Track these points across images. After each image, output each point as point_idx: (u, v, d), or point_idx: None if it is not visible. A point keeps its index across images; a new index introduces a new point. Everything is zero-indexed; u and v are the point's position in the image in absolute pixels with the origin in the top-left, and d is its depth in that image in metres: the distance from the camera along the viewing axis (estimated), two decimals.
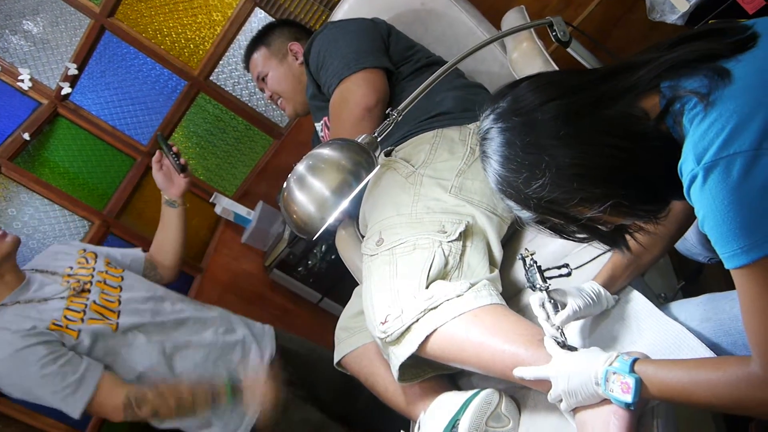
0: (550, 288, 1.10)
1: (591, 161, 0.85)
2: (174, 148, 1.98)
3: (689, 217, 1.12)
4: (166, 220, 2.03)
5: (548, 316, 1.08)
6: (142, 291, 1.82)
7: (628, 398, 0.90)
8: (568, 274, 1.14)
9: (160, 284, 1.97)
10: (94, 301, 1.71)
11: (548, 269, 1.12)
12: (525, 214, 0.95)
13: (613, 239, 0.99)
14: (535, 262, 1.12)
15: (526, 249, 1.15)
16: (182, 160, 1.98)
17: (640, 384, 0.89)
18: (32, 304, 1.65)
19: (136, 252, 2.03)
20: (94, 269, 1.81)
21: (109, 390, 1.59)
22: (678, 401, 0.88)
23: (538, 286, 1.10)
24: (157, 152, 1.99)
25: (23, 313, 1.62)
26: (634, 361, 0.91)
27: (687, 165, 0.79)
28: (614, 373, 0.91)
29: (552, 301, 1.09)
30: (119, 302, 1.74)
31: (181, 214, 2.02)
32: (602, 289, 1.14)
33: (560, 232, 0.99)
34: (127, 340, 1.69)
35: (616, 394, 0.91)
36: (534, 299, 1.11)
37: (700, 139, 0.76)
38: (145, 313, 1.75)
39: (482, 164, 0.98)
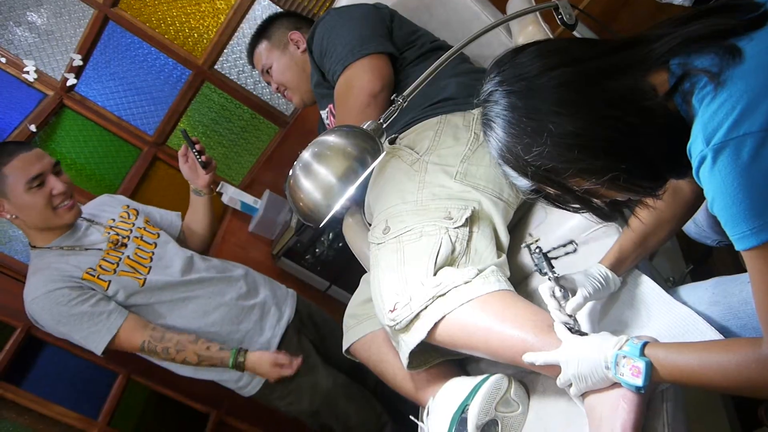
0: (559, 275, 1.10)
1: (593, 132, 0.84)
2: (197, 146, 2.03)
3: (697, 199, 1.12)
4: (194, 205, 2.16)
5: (559, 305, 1.08)
6: (174, 250, 1.95)
7: (639, 382, 0.89)
8: (574, 251, 1.13)
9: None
10: (128, 256, 1.85)
11: (554, 249, 1.12)
12: (522, 183, 0.94)
13: (608, 213, 0.98)
14: (540, 249, 1.12)
15: (529, 235, 1.14)
16: (204, 157, 2.03)
17: (650, 367, 0.89)
18: (74, 251, 1.80)
19: (174, 217, 2.15)
20: (134, 225, 1.96)
21: (130, 331, 1.74)
22: (688, 384, 0.88)
23: (546, 273, 1.10)
24: (183, 146, 2.04)
25: (63, 258, 1.77)
26: (644, 344, 0.91)
27: (696, 146, 0.78)
28: (624, 357, 0.91)
29: (562, 289, 1.09)
30: (151, 258, 1.88)
31: (207, 201, 2.15)
32: (609, 272, 1.14)
33: (555, 202, 0.98)
34: (153, 296, 1.81)
35: (627, 378, 0.91)
36: (544, 289, 1.11)
37: (710, 120, 0.75)
38: (174, 272, 1.86)
39: (483, 128, 0.96)
